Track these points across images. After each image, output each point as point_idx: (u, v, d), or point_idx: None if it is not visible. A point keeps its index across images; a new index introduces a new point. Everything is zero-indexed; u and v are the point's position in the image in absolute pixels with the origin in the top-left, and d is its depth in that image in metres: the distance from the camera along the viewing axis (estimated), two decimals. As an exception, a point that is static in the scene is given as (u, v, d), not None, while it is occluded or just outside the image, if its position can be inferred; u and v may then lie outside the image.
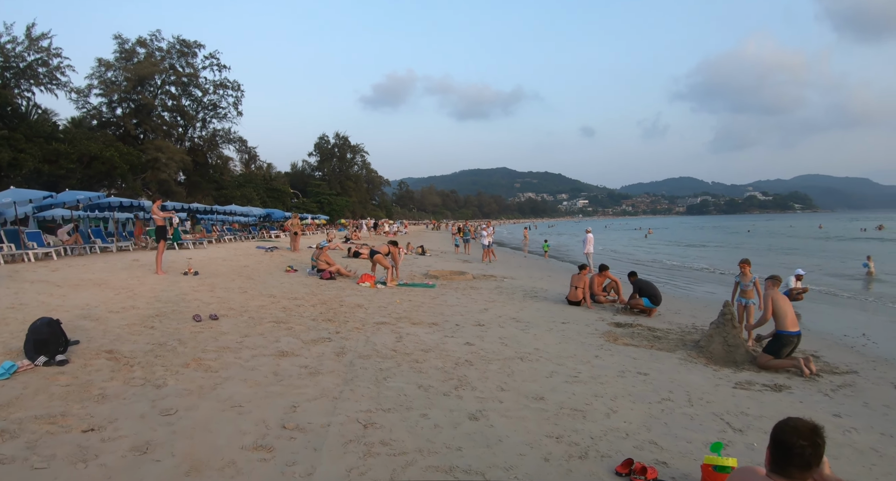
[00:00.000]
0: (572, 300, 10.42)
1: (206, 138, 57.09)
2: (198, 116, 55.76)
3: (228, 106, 56.51)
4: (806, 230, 66.95)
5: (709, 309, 11.20)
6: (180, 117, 54.19)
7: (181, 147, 51.79)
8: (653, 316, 9.78)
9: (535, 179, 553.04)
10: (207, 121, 56.92)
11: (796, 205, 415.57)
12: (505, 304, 10.09)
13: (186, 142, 54.85)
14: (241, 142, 61.00)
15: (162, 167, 44.32)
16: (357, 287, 11.53)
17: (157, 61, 49.45)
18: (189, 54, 52.65)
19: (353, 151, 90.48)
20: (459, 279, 13.86)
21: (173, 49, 51.51)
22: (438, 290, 11.66)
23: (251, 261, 15.74)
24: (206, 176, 55.71)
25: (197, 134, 56.88)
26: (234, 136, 59.45)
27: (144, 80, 48.06)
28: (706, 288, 15.71)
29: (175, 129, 54.01)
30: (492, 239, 21.32)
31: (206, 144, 56.87)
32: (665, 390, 5.24)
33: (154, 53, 49.86)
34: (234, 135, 59.22)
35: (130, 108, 48.53)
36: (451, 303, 9.99)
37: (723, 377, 5.97)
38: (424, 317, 8.24)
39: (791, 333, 6.59)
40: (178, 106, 53.27)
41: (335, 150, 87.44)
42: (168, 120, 53.23)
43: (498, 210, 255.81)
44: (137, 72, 46.55)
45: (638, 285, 9.99)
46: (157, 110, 51.08)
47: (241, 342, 5.93)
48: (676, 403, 4.87)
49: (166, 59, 51.13)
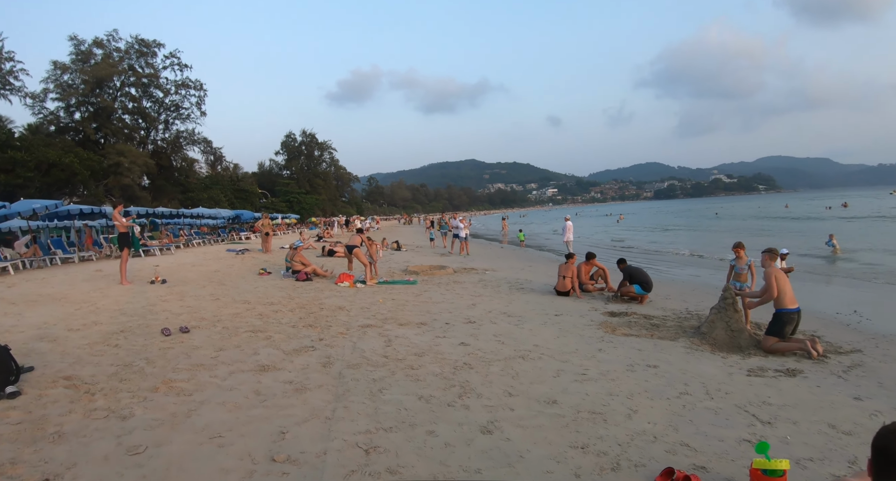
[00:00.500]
0: (561, 290, 10.08)
1: (169, 140, 55.26)
2: (160, 118, 53.93)
3: (191, 106, 54.90)
4: (773, 210, 68.33)
5: (697, 292, 11.01)
6: (142, 119, 52.32)
7: (144, 150, 50.05)
8: (644, 303, 9.50)
9: (503, 170, 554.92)
10: (170, 123, 55.19)
11: (760, 187, 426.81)
12: (492, 298, 9.69)
13: (149, 146, 53.02)
14: (205, 143, 59.25)
15: (125, 172, 42.64)
16: (336, 287, 11.00)
17: (115, 62, 47.53)
18: (148, 54, 50.87)
19: (320, 149, 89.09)
20: (440, 274, 13.42)
21: (132, 49, 49.67)
22: (421, 287, 11.20)
23: (222, 266, 15.03)
24: (172, 179, 54.01)
25: (160, 136, 55.11)
26: (199, 137, 57.71)
27: (103, 82, 46.20)
28: (689, 271, 15.58)
29: (137, 132, 52.11)
30: (468, 231, 20.90)
31: (169, 147, 55.04)
32: (680, 383, 4.90)
33: (112, 54, 47.97)
34: (198, 136, 57.47)
35: (89, 111, 46.66)
36: (436, 299, 9.54)
37: (733, 364, 5.67)
38: (411, 317, 7.78)
39: (791, 310, 6.36)
40: (139, 108, 51.49)
41: (302, 148, 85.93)
42: (129, 123, 51.29)
43: (468, 202, 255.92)
44: (95, 74, 44.67)
45: (628, 272, 9.70)
46: (117, 113, 49.24)
47: (215, 357, 5.37)
48: (696, 397, 4.54)
49: (125, 60, 49.22)
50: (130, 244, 11.86)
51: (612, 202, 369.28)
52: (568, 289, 9.98)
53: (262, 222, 21.25)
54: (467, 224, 21.02)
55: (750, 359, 5.93)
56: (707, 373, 5.26)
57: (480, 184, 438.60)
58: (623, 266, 9.95)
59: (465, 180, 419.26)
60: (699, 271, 15.37)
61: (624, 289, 9.59)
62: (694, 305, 9.36)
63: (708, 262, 18.00)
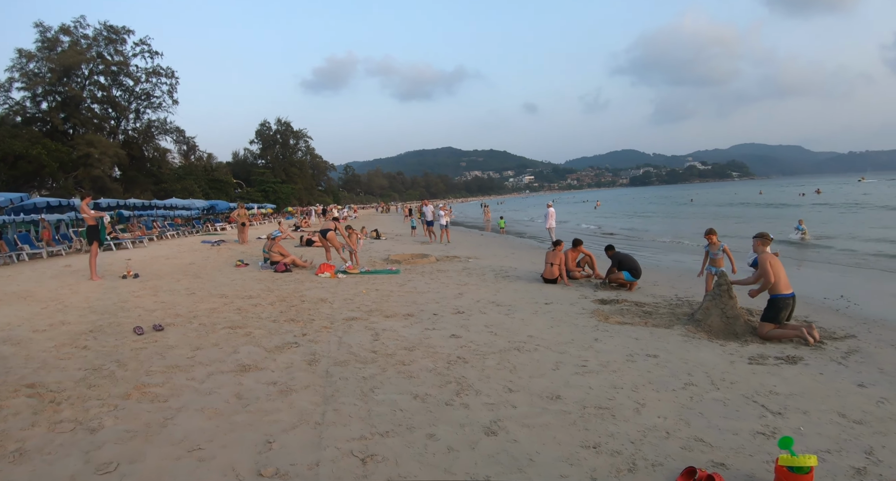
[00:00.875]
0: (548, 278, 9.87)
1: (140, 130, 53.63)
2: (130, 107, 52.40)
3: (163, 94, 53.44)
4: (747, 197, 69.31)
5: (684, 278, 10.91)
6: (112, 109, 50.77)
7: (114, 141, 48.57)
8: (634, 289, 9.35)
9: (480, 157, 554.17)
10: (141, 112, 53.63)
11: (734, 173, 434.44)
12: (479, 287, 9.44)
13: (120, 136, 51.49)
14: (178, 132, 57.75)
15: (95, 163, 41.41)
16: (316, 278, 10.65)
17: (82, 50, 45.83)
18: (117, 41, 49.17)
19: (295, 137, 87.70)
20: (423, 262, 13.13)
21: (100, 36, 47.94)
22: (404, 276, 10.91)
23: (197, 258, 14.54)
24: (144, 170, 52.61)
25: (131, 126, 53.51)
26: (171, 127, 56.19)
27: (70, 70, 44.57)
28: (673, 257, 15.55)
29: (107, 122, 50.58)
30: (450, 218, 20.61)
31: (141, 136, 53.43)
32: (683, 373, 4.73)
33: (79, 41, 46.22)
34: (170, 125, 55.95)
35: (57, 101, 45.05)
36: (421, 289, 9.27)
37: (733, 352, 5.52)
38: (397, 308, 7.49)
39: (786, 295, 6.25)
40: (109, 97, 49.83)
41: (277, 137, 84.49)
42: (99, 112, 49.73)
43: (445, 189, 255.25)
44: (62, 62, 43.05)
45: (617, 258, 9.53)
46: (85, 102, 47.66)
47: (192, 357, 5.01)
48: (701, 387, 4.36)
49: (93, 47, 47.54)
50: (100, 237, 11.33)
51: (588, 189, 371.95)
52: (556, 276, 9.78)
53: (238, 212, 20.71)
54: (448, 211, 20.71)
55: (748, 347, 5.79)
56: (709, 362, 5.10)
57: (457, 171, 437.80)
58: (611, 252, 9.78)
59: (442, 168, 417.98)
60: (683, 257, 15.34)
61: (613, 276, 9.43)
62: (683, 291, 9.25)
63: (690, 248, 18.04)
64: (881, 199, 43.78)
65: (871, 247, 16.21)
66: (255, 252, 15.53)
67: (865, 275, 11.79)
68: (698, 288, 9.20)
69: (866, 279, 11.30)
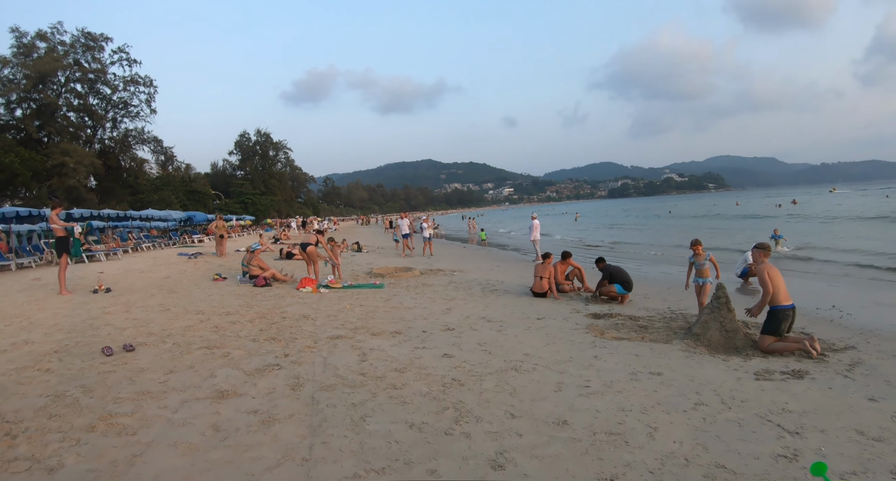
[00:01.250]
0: (538, 291, 9.62)
1: (117, 139, 52.45)
2: (107, 116, 51.23)
3: (141, 103, 52.33)
4: (725, 208, 70.17)
5: (674, 290, 10.75)
6: (88, 117, 49.62)
7: (90, 150, 47.41)
8: (625, 303, 9.15)
9: (460, 170, 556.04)
10: (118, 121, 52.50)
11: (710, 185, 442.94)
12: (467, 302, 9.15)
13: (96, 145, 50.32)
14: (156, 142, 56.47)
15: (69, 172, 40.28)
16: (297, 293, 10.26)
17: (59, 56, 44.77)
18: (95, 48, 48.13)
19: (275, 148, 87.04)
20: (407, 276, 12.81)
21: (77, 43, 46.93)
22: (388, 290, 10.58)
23: (173, 271, 14.03)
24: (120, 180, 51.51)
25: (107, 135, 52.32)
26: (149, 136, 54.99)
27: (46, 77, 43.49)
28: (660, 268, 15.45)
29: (83, 131, 49.39)
30: (432, 231, 20.31)
31: (117, 146, 52.27)
32: (691, 392, 4.49)
33: (56, 48, 45.15)
34: (148, 134, 54.75)
35: (31, 108, 43.87)
36: (407, 304, 8.94)
37: (738, 368, 5.31)
38: (384, 325, 7.15)
39: (786, 307, 6.09)
40: (86, 105, 48.74)
41: (257, 148, 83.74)
42: (75, 121, 48.56)
43: (425, 202, 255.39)
44: (38, 68, 41.96)
45: (608, 271, 9.33)
46: (61, 110, 46.50)
47: (165, 382, 4.62)
48: (713, 407, 4.13)
49: (70, 54, 46.51)
50: (70, 249, 10.80)
51: (567, 201, 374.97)
52: (545, 290, 9.53)
53: (216, 224, 20.14)
54: (431, 224, 20.42)
55: (752, 361, 5.59)
56: (715, 379, 4.87)
57: (437, 184, 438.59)
58: (602, 265, 9.57)
59: (422, 180, 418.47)
60: (669, 268, 15.25)
61: (605, 289, 9.22)
62: (675, 304, 9.07)
63: (674, 258, 17.99)
64: (854, 210, 44.61)
65: (853, 258, 16.29)
66: (233, 265, 15.06)
67: (852, 285, 11.77)
68: (690, 300, 9.02)
69: (854, 289, 11.25)
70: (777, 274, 6.29)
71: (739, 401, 4.30)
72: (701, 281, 7.85)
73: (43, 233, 20.21)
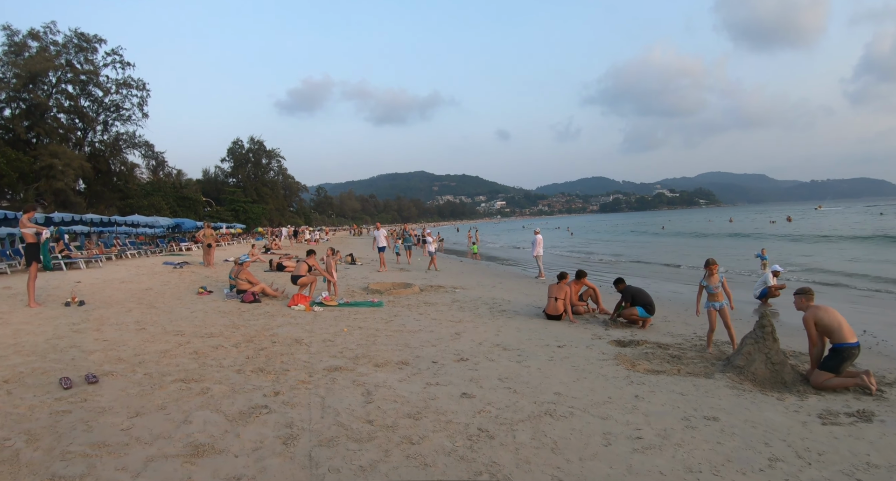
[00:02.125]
0: (552, 314, 8.85)
1: (108, 143, 51.28)
2: (98, 118, 50.03)
3: (133, 107, 51.14)
4: (720, 225, 69.79)
5: (692, 312, 10.06)
6: (79, 119, 48.44)
7: (80, 153, 46.27)
8: (647, 327, 8.42)
9: (453, 182, 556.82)
10: (109, 124, 51.26)
11: (701, 201, 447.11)
12: (476, 324, 8.36)
13: (86, 148, 49.14)
14: (147, 146, 55.32)
15: (58, 175, 39.19)
16: (289, 311, 9.45)
17: (51, 56, 43.69)
18: (88, 50, 47.06)
19: (268, 156, 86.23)
20: (407, 293, 12.01)
21: (70, 43, 45.88)
22: (389, 310, 9.78)
23: (156, 282, 13.16)
24: (110, 184, 50.31)
25: (98, 138, 51.06)
26: (140, 141, 53.83)
27: (37, 77, 42.44)
28: (670, 287, 14.74)
29: (73, 133, 48.24)
30: (436, 245, 19.40)
31: (108, 149, 51.08)
32: (759, 443, 3.78)
33: (48, 48, 44.08)
34: (139, 139, 53.60)
35: (21, 108, 42.73)
36: (411, 326, 8.15)
37: (798, 409, 4.62)
38: (388, 354, 6.34)
39: (851, 345, 5.41)
40: (76, 107, 47.57)
41: (250, 156, 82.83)
42: (65, 123, 47.39)
43: (417, 213, 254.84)
44: (29, 68, 40.89)
45: (629, 292, 8.58)
46: (51, 111, 45.35)
47: (128, 429, 3.76)
48: (791, 464, 3.47)
49: (62, 55, 45.42)
50: (40, 257, 9.92)
51: (559, 215, 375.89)
52: (560, 312, 8.77)
53: (204, 232, 19.14)
54: (435, 238, 19.51)
55: (808, 400, 4.92)
56: (779, 425, 4.17)
57: (430, 195, 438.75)
58: (622, 286, 8.83)
59: (415, 192, 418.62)
60: (680, 287, 14.55)
61: (626, 312, 8.47)
62: (699, 328, 8.34)
63: (684, 277, 17.33)
64: (848, 229, 44.13)
65: (868, 281, 15.65)
66: (221, 276, 14.20)
67: (877, 307, 11.13)
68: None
69: (880, 311, 10.59)
70: (832, 312, 5.58)
71: (816, 454, 3.61)
72: (717, 305, 7.00)
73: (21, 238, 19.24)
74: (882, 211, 78.95)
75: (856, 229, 42.49)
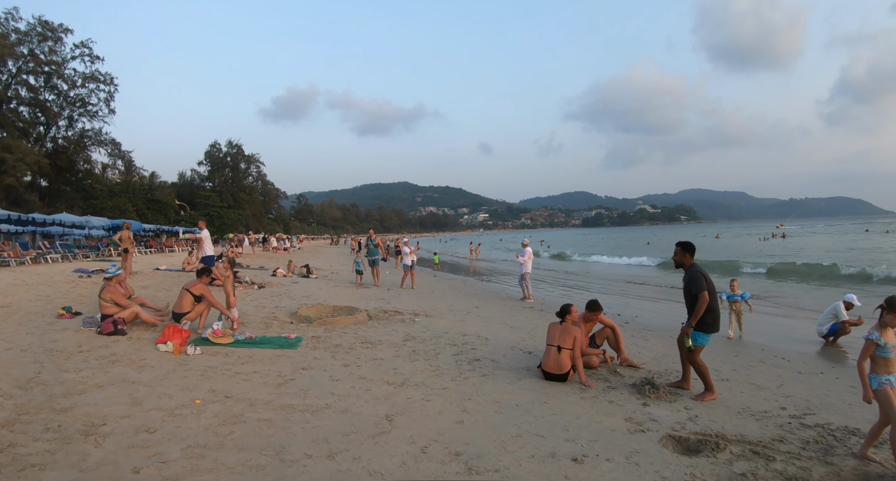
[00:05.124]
0: (554, 372, 5.56)
1: (72, 139, 47.41)
2: (63, 113, 46.28)
3: (99, 102, 47.55)
4: (711, 242, 67.26)
5: (743, 356, 6.94)
6: (41, 113, 44.74)
7: (41, 148, 42.55)
8: (709, 398, 5.20)
9: (436, 193, 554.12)
10: (74, 120, 47.55)
11: (682, 217, 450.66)
12: (428, 393, 5.02)
13: (48, 143, 45.25)
14: (113, 144, 51.53)
15: (9, 170, 35.55)
16: (148, 353, 6.12)
17: (11, 44, 39.98)
18: (53, 39, 43.40)
19: (247, 161, 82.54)
20: (347, 322, 8.67)
21: (33, 32, 42.22)
22: (303, 353, 6.46)
23: (31, 296, 9.98)
24: (73, 183, 46.48)
25: (62, 134, 47.30)
26: (106, 138, 50.03)
27: (-6, 64, 38.81)
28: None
29: (33, 127, 44.50)
30: (415, 257, 15.95)
31: (72, 146, 47.21)
32: None
33: (9, 34, 40.44)
34: (105, 136, 49.82)
35: (-26, 97, 39.03)
36: (317, 390, 4.88)
37: None
38: (242, 468, 3.07)
39: None
40: (38, 99, 43.88)
41: (228, 160, 79.05)
42: (26, 116, 43.74)
43: (399, 223, 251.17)
44: None
45: (697, 275, 5.30)
46: (9, 103, 41.74)
47: None
48: None
49: (24, 43, 41.77)
50: None
51: (541, 228, 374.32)
52: (566, 370, 5.50)
53: (121, 234, 15.42)
54: (413, 249, 16.06)
55: None
56: None
57: (413, 206, 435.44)
58: (688, 257, 5.50)
59: (398, 202, 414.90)
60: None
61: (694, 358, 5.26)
62: (789, 396, 5.17)
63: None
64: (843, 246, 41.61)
65: None
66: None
67: None
68: (797, 384, 5.21)
69: None
70: None
71: None
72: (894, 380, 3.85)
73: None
74: (867, 228, 77.21)
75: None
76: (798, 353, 8.04)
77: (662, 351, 7.55)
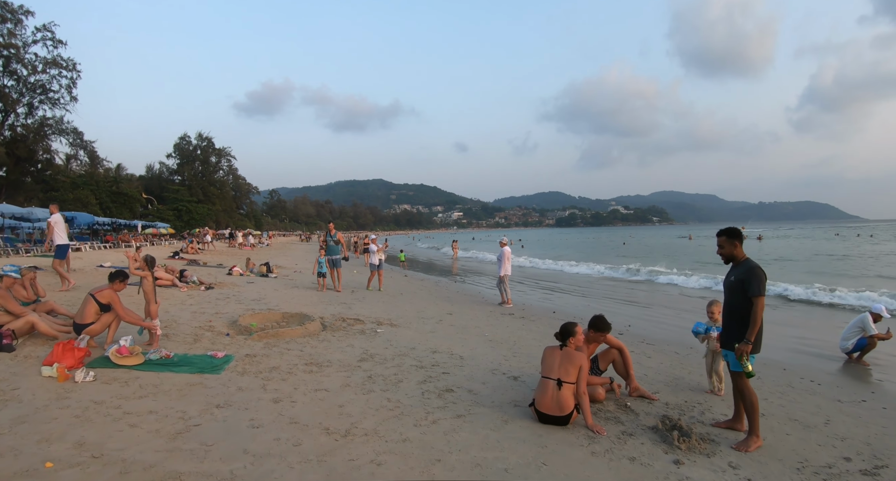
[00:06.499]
0: (551, 414, 4.22)
1: (31, 127, 44.39)
2: (22, 100, 43.13)
3: (61, 89, 44.31)
4: (685, 242, 67.16)
5: (772, 382, 5.74)
6: (-2, 99, 41.70)
7: (-2, 137, 39.66)
8: (756, 446, 3.95)
9: (411, 191, 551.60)
10: (35, 107, 44.38)
11: (654, 218, 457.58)
12: (382, 445, 3.67)
13: (6, 131, 42.24)
14: (75, 133, 48.35)
15: (-42, 159, 32.74)
16: (30, 377, 4.64)
17: None
18: (13, 21, 40.29)
19: (217, 155, 79.49)
20: (294, 334, 7.23)
21: None
22: (225, 380, 5.02)
23: None
24: (32, 174, 43.73)
25: (20, 122, 44.09)
26: (68, 127, 46.95)
27: (-57, 46, 35.68)
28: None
29: (-11, 114, 41.45)
30: (383, 256, 14.47)
31: (31, 135, 44.15)
32: None
33: None
34: (67, 125, 46.77)
35: (-78, 81, 35.84)
36: (222, 449, 3.46)
37: None
38: None
39: None
40: (-6, 84, 40.80)
41: (198, 153, 75.94)
42: (-19, 102, 40.64)
43: (374, 221, 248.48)
44: None
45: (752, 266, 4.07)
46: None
47: None
48: None
49: None
50: None
51: (515, 227, 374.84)
52: (570, 410, 4.18)
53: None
54: (381, 247, 14.58)
55: None
56: None
57: (387, 204, 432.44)
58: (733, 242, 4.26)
59: (373, 199, 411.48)
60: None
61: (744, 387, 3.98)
62: (844, 436, 3.97)
63: (680, 304, 13.12)
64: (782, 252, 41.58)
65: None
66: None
67: None
68: (850, 424, 4.01)
69: None
70: None
71: None
72: None
73: None
74: (837, 232, 78.03)
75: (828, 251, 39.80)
76: (824, 373, 6.90)
77: (672, 372, 6.30)
